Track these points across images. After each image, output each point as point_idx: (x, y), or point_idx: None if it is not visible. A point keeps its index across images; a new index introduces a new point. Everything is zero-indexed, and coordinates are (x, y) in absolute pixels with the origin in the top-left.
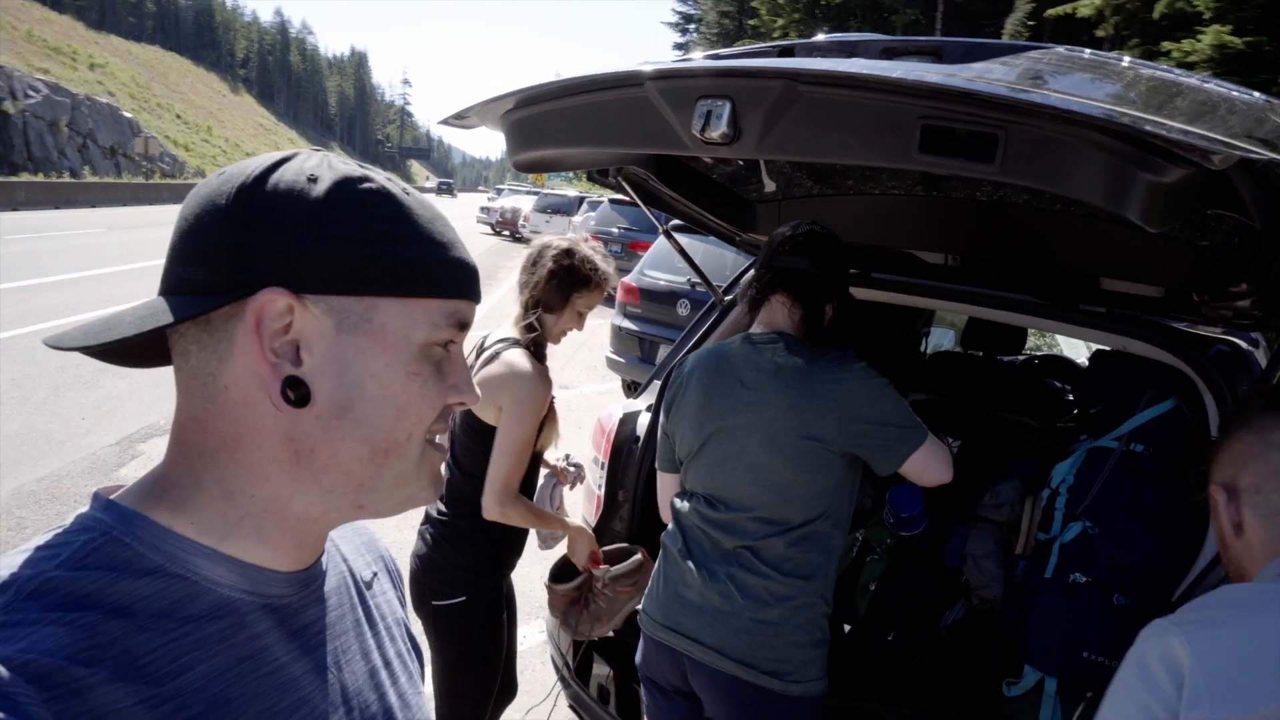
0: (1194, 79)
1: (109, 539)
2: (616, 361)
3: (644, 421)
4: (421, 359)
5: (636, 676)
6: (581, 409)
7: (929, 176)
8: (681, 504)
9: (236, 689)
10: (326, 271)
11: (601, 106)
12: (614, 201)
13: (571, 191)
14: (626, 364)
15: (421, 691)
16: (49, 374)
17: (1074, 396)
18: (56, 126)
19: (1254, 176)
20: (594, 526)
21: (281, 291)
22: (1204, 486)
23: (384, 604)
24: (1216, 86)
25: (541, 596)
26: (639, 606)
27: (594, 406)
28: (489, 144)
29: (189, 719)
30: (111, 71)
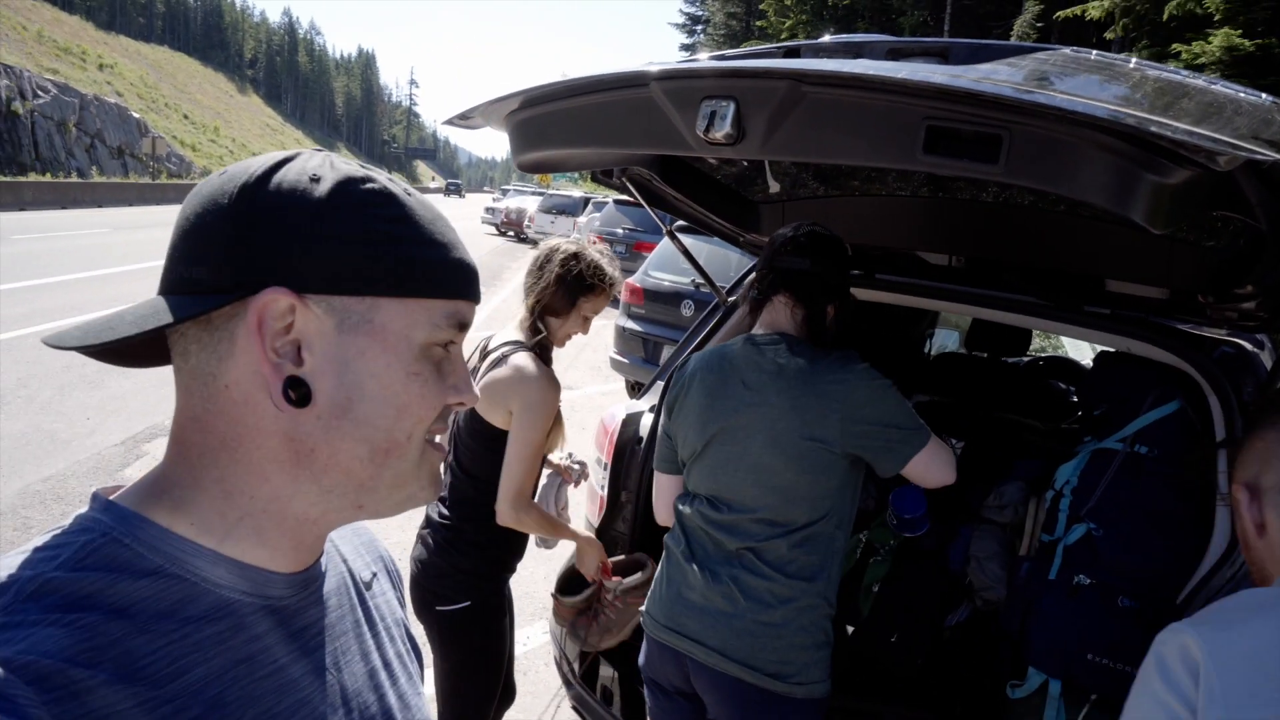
0: (1201, 80)
1: (108, 540)
2: (620, 362)
3: (647, 422)
4: (422, 359)
5: (640, 678)
6: (585, 409)
7: (934, 177)
8: (684, 506)
9: (235, 691)
10: (328, 271)
11: (606, 107)
12: (619, 202)
13: (576, 192)
14: (630, 365)
15: (421, 693)
16: (54, 374)
17: (1078, 398)
18: (65, 126)
19: (1260, 178)
20: (597, 527)
21: (284, 291)
22: (1215, 488)
23: (383, 605)
24: (1223, 88)
25: (544, 597)
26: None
27: (598, 407)
28: (495, 145)
29: None
30: (120, 72)
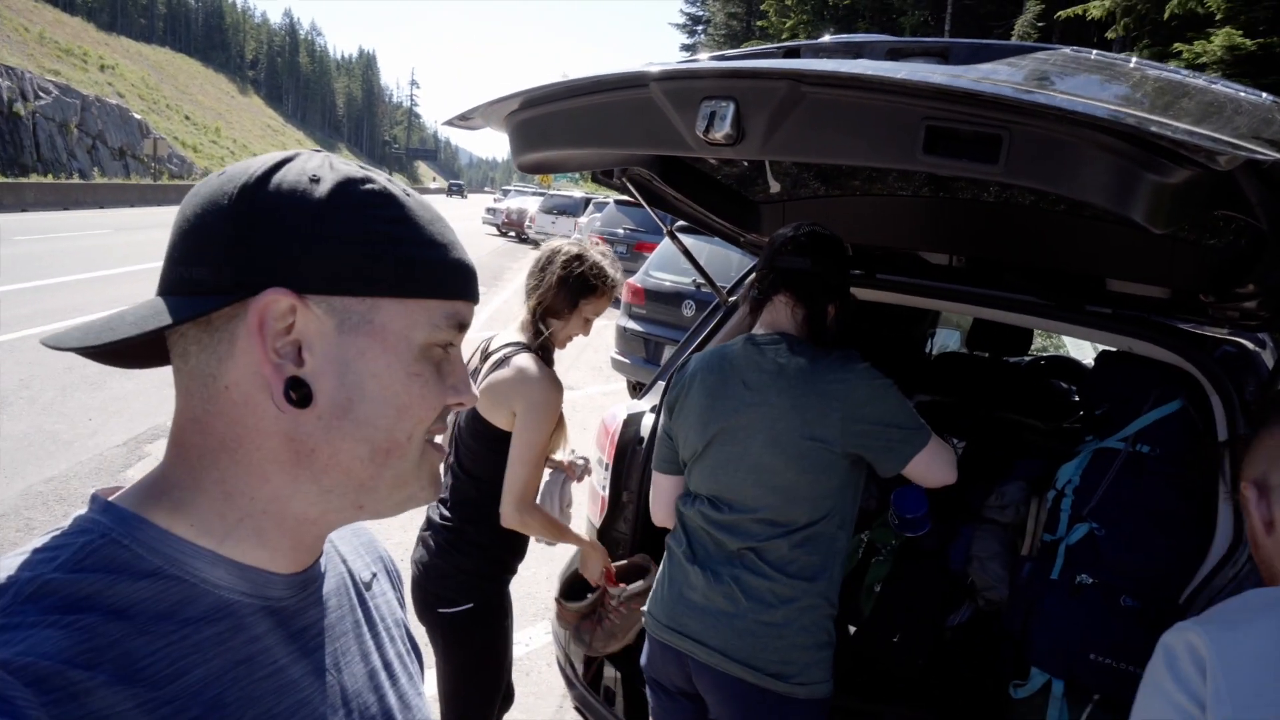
0: (1201, 80)
1: (107, 541)
2: (621, 362)
3: (648, 422)
4: (422, 360)
5: (643, 678)
6: (586, 410)
7: (935, 177)
8: (685, 506)
9: (234, 692)
10: (329, 272)
11: (606, 108)
12: (620, 203)
13: (577, 193)
14: (631, 365)
15: (422, 693)
16: (56, 375)
17: (1079, 397)
18: (66, 128)
19: (1260, 178)
20: (598, 528)
21: (284, 292)
22: (1217, 488)
23: (383, 605)
24: (1223, 87)
25: (546, 598)
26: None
27: (599, 407)
28: (496, 145)
29: None
30: (121, 73)
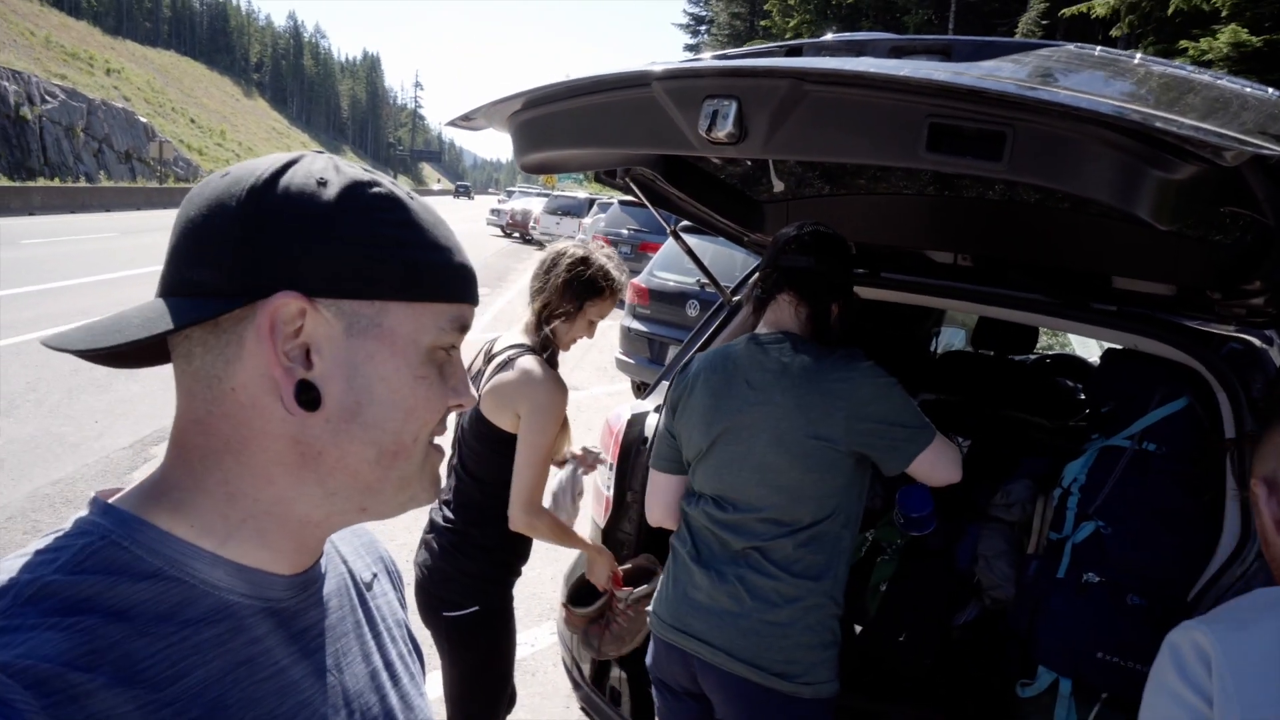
0: (1207, 75)
1: (107, 543)
2: (626, 363)
3: (652, 422)
4: (428, 363)
5: (648, 678)
6: (591, 410)
7: (940, 176)
8: (690, 506)
9: (235, 693)
10: (338, 275)
11: (608, 107)
12: (624, 203)
13: (581, 193)
14: (636, 365)
15: (424, 693)
16: (63, 377)
17: (1085, 395)
18: (73, 131)
19: (1267, 173)
20: (603, 528)
21: (295, 295)
22: (1224, 485)
23: (384, 605)
24: (1229, 83)
25: (551, 598)
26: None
27: (604, 408)
28: (500, 146)
29: None
30: (127, 76)
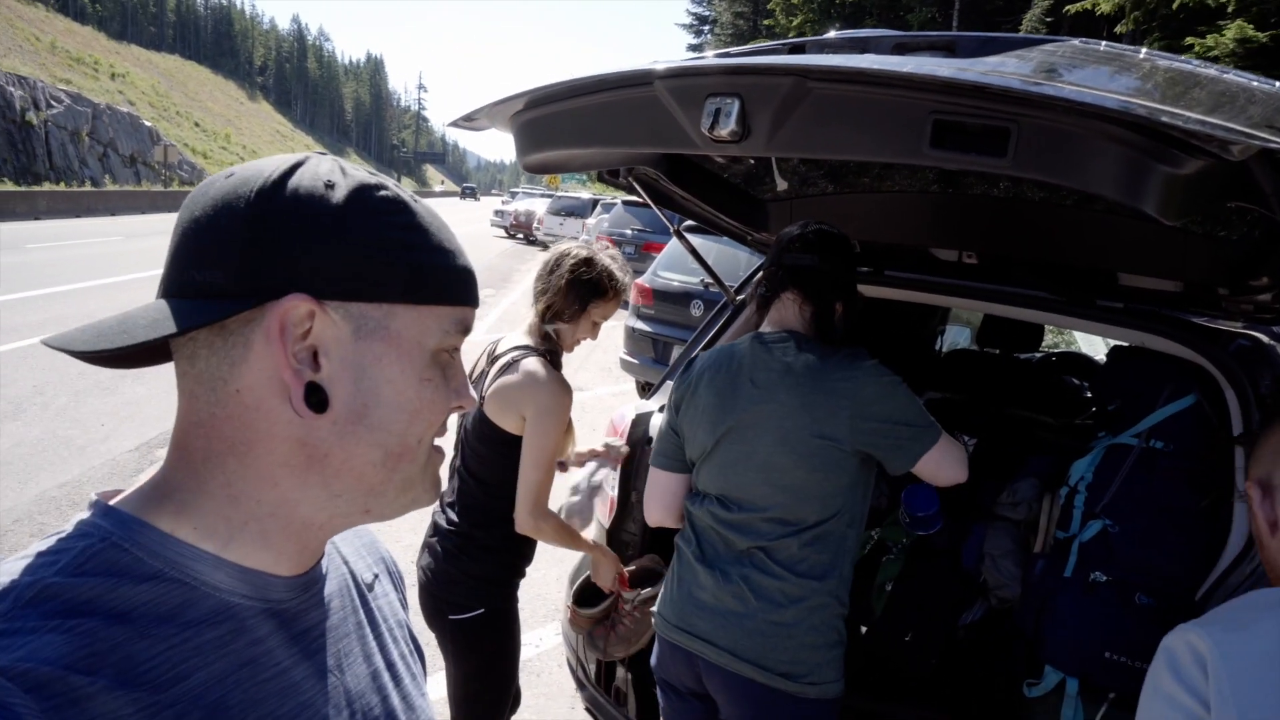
0: (1212, 69)
1: (108, 545)
2: (630, 363)
3: (657, 422)
4: (433, 365)
5: (653, 679)
6: (596, 411)
7: (944, 173)
8: (694, 505)
9: (237, 695)
10: (346, 278)
11: (611, 106)
12: (628, 203)
13: (585, 194)
14: (640, 365)
15: (425, 693)
16: (69, 380)
17: (1092, 393)
18: (78, 136)
19: (1275, 167)
20: (608, 529)
21: (304, 297)
22: (1232, 484)
23: (385, 606)
24: (1236, 77)
25: (555, 599)
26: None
27: (608, 408)
28: (503, 148)
29: None
30: (132, 81)
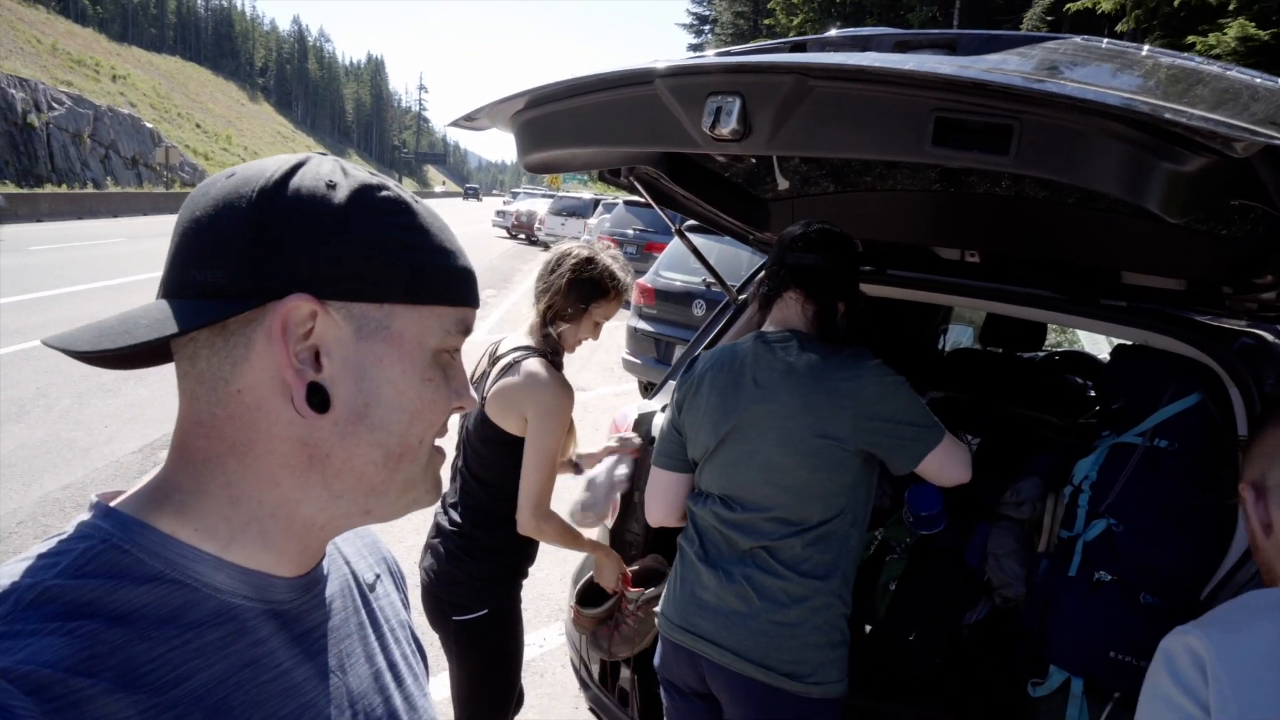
0: (1216, 67)
1: (108, 546)
2: (632, 363)
3: (659, 422)
4: (434, 365)
5: (657, 679)
6: (598, 411)
7: (946, 171)
8: (697, 505)
9: (238, 696)
10: (347, 278)
11: (611, 105)
12: (629, 203)
13: (587, 194)
14: (642, 365)
15: (427, 694)
16: (73, 382)
17: (1095, 392)
18: (80, 138)
19: (1278, 164)
20: (611, 529)
21: (306, 298)
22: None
23: (387, 606)
24: (1239, 74)
25: (559, 599)
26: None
27: (611, 408)
28: (505, 148)
29: None
30: (133, 82)
